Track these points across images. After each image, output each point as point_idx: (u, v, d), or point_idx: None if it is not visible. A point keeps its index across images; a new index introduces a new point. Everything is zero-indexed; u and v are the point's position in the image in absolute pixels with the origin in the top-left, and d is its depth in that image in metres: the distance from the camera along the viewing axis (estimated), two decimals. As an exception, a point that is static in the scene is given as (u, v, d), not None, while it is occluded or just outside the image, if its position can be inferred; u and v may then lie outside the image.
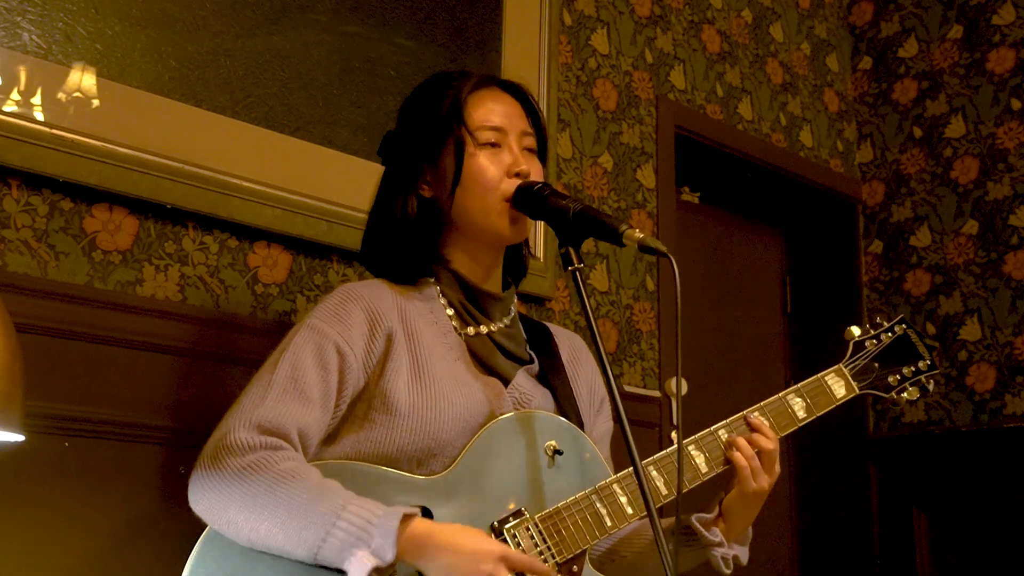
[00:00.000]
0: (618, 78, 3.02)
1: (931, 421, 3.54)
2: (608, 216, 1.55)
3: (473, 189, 1.63)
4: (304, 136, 2.17)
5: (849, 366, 1.84)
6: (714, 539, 1.67)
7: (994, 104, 3.57)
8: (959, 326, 3.53)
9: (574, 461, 1.60)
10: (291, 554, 1.38)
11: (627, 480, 1.60)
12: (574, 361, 1.80)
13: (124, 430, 1.84)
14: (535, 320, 1.84)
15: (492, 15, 2.61)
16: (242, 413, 1.46)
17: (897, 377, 1.87)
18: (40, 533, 1.73)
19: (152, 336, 1.89)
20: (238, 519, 1.39)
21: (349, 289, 1.62)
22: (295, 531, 1.36)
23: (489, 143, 1.64)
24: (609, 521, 1.57)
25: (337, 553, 1.35)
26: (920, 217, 3.69)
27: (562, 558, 1.52)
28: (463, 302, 1.67)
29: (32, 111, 1.80)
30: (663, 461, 1.63)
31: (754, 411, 1.72)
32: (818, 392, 1.79)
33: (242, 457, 1.41)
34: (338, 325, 1.55)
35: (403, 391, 1.54)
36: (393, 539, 1.34)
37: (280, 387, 1.48)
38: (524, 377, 1.68)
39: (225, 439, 1.43)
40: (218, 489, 1.40)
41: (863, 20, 3.96)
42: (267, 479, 1.39)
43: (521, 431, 1.57)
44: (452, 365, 1.60)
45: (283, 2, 2.17)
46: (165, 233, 1.98)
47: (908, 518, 3.52)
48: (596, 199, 2.87)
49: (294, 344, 1.53)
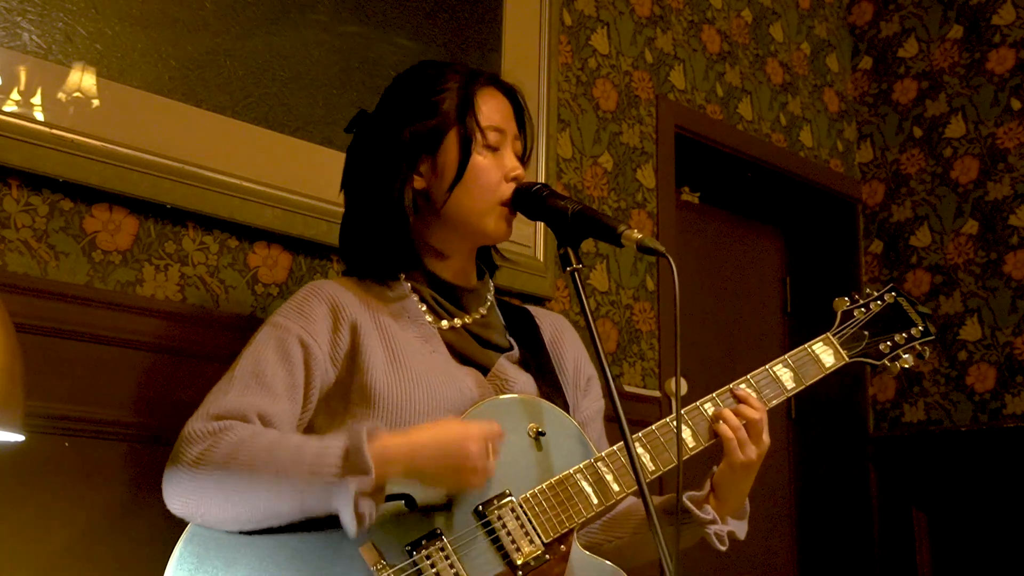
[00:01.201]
0: (618, 78, 3.02)
1: (931, 421, 3.54)
2: (606, 216, 1.55)
3: (473, 190, 1.62)
4: (304, 136, 2.17)
5: (837, 335, 1.82)
6: (706, 517, 1.66)
7: (994, 104, 3.57)
8: (959, 326, 3.53)
9: (558, 441, 1.60)
10: (277, 517, 1.38)
11: (612, 458, 1.60)
12: (557, 342, 1.79)
13: (124, 430, 1.84)
14: (516, 305, 1.82)
15: (492, 15, 2.61)
16: (201, 408, 1.47)
17: (889, 344, 1.84)
18: (40, 533, 1.73)
19: (152, 336, 1.89)
20: (211, 509, 1.39)
21: (312, 286, 1.62)
22: (267, 499, 1.36)
23: (491, 144, 1.64)
24: (596, 499, 1.56)
25: (321, 496, 1.35)
26: (920, 217, 3.69)
27: (549, 537, 1.51)
28: (435, 297, 1.66)
29: (32, 111, 1.81)
30: (649, 437, 1.63)
31: (740, 383, 1.72)
32: (806, 362, 1.77)
33: (198, 445, 1.41)
34: (301, 319, 1.56)
35: (382, 381, 1.54)
36: (365, 453, 1.33)
37: (241, 382, 1.49)
38: (505, 364, 1.68)
39: (183, 433, 1.44)
40: (184, 481, 1.40)
41: (863, 20, 3.96)
42: (223, 453, 1.39)
43: (503, 415, 1.57)
44: (429, 357, 1.60)
45: (283, 2, 2.17)
46: (165, 233, 1.98)
47: (908, 518, 3.52)
48: (596, 199, 2.87)
49: (256, 342, 1.54)
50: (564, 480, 1.56)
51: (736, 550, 1.73)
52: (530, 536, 1.50)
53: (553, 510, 1.53)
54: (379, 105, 1.71)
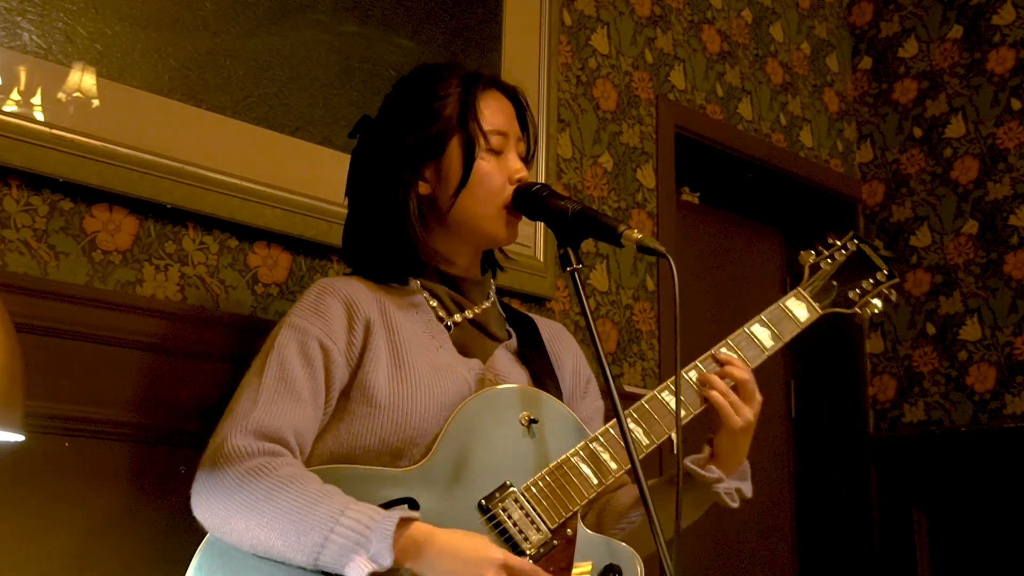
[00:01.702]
0: (618, 78, 3.02)
1: (931, 421, 3.54)
2: (606, 216, 1.55)
3: (477, 194, 1.63)
4: (304, 136, 2.17)
5: (808, 288, 1.83)
6: (712, 475, 1.67)
7: (994, 104, 3.57)
8: (959, 326, 3.53)
9: (551, 427, 1.60)
10: (292, 560, 1.38)
11: (606, 436, 1.61)
12: (556, 346, 1.81)
13: (124, 430, 1.84)
14: (519, 311, 1.84)
15: (492, 15, 2.61)
16: (237, 419, 1.46)
17: (857, 292, 1.86)
18: (40, 533, 1.73)
19: (152, 336, 1.89)
20: (239, 526, 1.39)
21: (325, 283, 1.62)
22: (294, 538, 1.36)
23: (493, 148, 1.64)
24: (595, 479, 1.57)
25: (336, 558, 1.35)
26: (920, 217, 3.69)
27: (554, 523, 1.52)
28: (449, 293, 1.67)
29: (32, 111, 1.81)
30: (639, 411, 1.64)
31: (721, 347, 1.73)
32: (780, 318, 1.79)
33: (241, 464, 1.41)
34: (319, 321, 1.55)
35: (383, 382, 1.54)
36: (390, 543, 1.33)
37: (271, 388, 1.49)
38: (502, 354, 1.69)
39: (224, 446, 1.43)
40: (218, 497, 1.40)
41: (863, 20, 3.96)
42: (266, 486, 1.39)
43: (493, 407, 1.57)
44: (434, 354, 1.61)
45: (283, 2, 2.17)
46: (165, 233, 1.98)
47: (908, 518, 3.52)
48: (596, 199, 2.87)
49: (278, 344, 1.53)
50: (562, 464, 1.57)
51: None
52: (536, 524, 1.51)
53: (555, 495, 1.54)
54: (381, 110, 1.72)
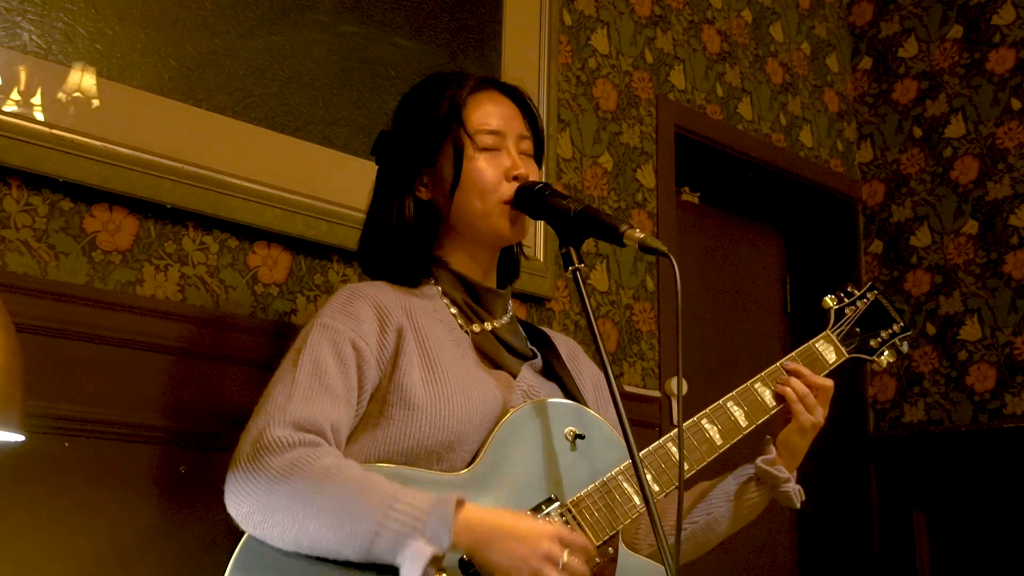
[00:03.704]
0: (618, 78, 3.02)
1: (931, 421, 3.54)
2: (609, 216, 1.56)
3: (472, 192, 1.63)
4: (304, 136, 2.17)
5: (835, 332, 1.91)
6: (782, 475, 1.74)
7: (994, 104, 3.57)
8: (959, 326, 3.53)
9: (595, 444, 1.61)
10: (342, 552, 1.35)
11: (650, 458, 1.63)
12: (574, 361, 1.82)
13: (124, 430, 1.84)
14: (532, 324, 1.85)
15: (492, 15, 2.61)
16: (274, 411, 1.44)
17: (878, 340, 1.95)
18: (39, 533, 1.73)
19: (152, 336, 1.89)
20: (285, 520, 1.36)
21: (354, 288, 1.62)
22: (347, 528, 1.34)
23: (487, 147, 1.65)
24: (638, 500, 1.58)
25: (391, 546, 1.33)
26: (920, 217, 3.69)
27: (599, 540, 1.53)
28: (466, 300, 1.67)
29: (32, 111, 1.80)
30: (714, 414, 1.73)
31: (757, 380, 1.80)
32: (812, 359, 1.86)
33: (282, 455, 1.39)
34: (350, 322, 1.55)
35: (419, 385, 1.53)
36: (449, 525, 1.32)
37: (305, 384, 1.47)
38: (529, 371, 1.69)
39: (262, 438, 1.40)
40: (260, 491, 1.38)
41: (863, 20, 3.96)
42: (311, 477, 1.37)
43: (539, 420, 1.58)
44: (462, 361, 1.61)
45: (283, 2, 2.17)
46: (165, 233, 1.98)
47: (908, 518, 3.52)
48: (596, 199, 2.87)
49: (310, 342, 1.52)
50: (607, 482, 1.57)
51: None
52: None
53: (600, 512, 1.54)
54: (392, 122, 1.76)
